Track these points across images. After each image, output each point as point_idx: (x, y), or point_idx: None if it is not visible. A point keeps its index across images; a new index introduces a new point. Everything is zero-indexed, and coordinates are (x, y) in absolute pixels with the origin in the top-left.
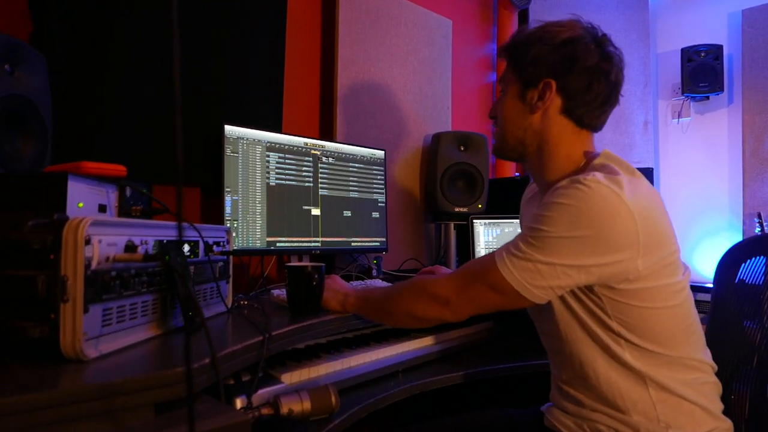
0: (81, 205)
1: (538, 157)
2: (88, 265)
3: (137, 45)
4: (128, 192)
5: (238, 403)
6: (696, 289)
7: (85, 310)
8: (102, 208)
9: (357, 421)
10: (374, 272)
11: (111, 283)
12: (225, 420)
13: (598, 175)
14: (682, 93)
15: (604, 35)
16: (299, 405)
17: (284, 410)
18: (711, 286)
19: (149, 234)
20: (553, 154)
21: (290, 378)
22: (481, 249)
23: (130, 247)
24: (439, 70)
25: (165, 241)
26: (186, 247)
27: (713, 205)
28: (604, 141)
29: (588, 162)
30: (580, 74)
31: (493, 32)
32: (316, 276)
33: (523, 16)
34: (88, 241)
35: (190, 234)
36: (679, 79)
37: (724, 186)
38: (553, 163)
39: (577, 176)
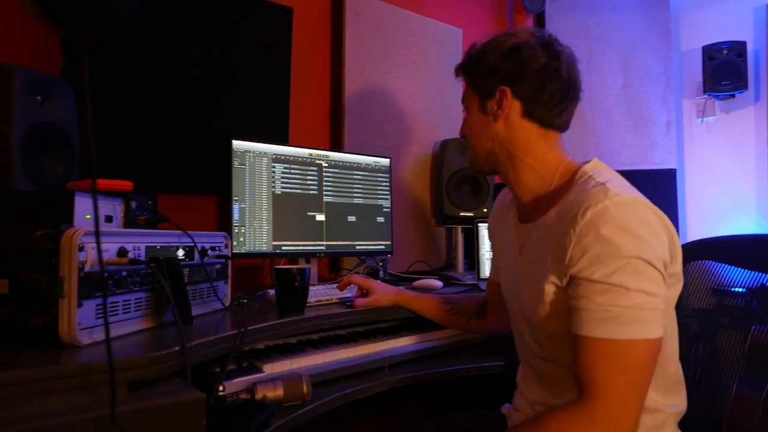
0: (88, 216)
1: (511, 165)
2: (81, 268)
3: (146, 75)
4: (134, 204)
5: (220, 387)
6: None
7: (79, 305)
8: (108, 219)
9: (333, 409)
10: (381, 274)
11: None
12: (183, 397)
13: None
14: (704, 92)
15: (551, 36)
16: (273, 392)
17: (259, 395)
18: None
19: (140, 241)
20: (526, 160)
21: (271, 368)
22: (486, 251)
23: (122, 253)
24: (449, 79)
25: (159, 247)
26: (181, 252)
27: (740, 206)
28: (623, 143)
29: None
30: (530, 77)
31: None
32: (298, 277)
33: (540, 21)
34: (82, 248)
35: (186, 240)
36: (702, 78)
37: (751, 187)
38: (530, 168)
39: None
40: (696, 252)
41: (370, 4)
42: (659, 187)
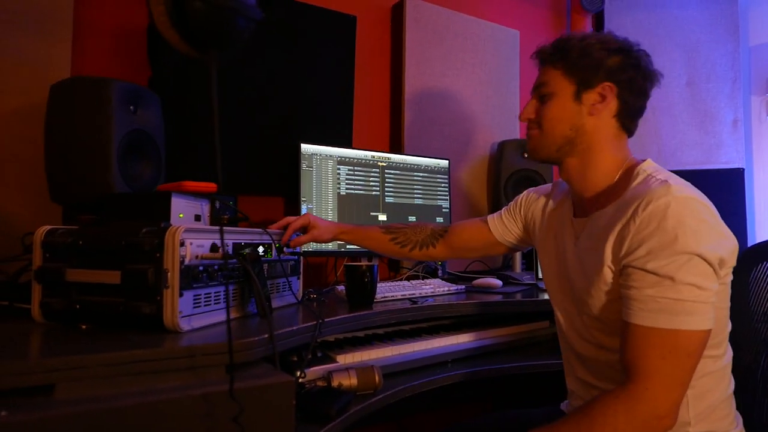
0: (181, 215)
1: (582, 159)
2: (182, 261)
3: (228, 84)
4: (218, 204)
5: (300, 374)
6: None
7: (180, 295)
8: (197, 218)
9: (402, 399)
10: (440, 273)
11: (199, 275)
12: (275, 379)
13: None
14: None
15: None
16: (347, 380)
17: (335, 383)
18: None
19: (229, 238)
20: (600, 156)
21: (344, 359)
22: None
23: (214, 248)
24: (506, 80)
25: (243, 243)
26: (260, 249)
27: None
28: (687, 142)
29: (634, 168)
30: (641, 81)
31: None
32: (368, 273)
33: (599, 20)
34: (182, 244)
35: (265, 238)
36: None
37: None
38: (600, 164)
39: None
40: (765, 253)
41: (429, 11)
42: (725, 187)
